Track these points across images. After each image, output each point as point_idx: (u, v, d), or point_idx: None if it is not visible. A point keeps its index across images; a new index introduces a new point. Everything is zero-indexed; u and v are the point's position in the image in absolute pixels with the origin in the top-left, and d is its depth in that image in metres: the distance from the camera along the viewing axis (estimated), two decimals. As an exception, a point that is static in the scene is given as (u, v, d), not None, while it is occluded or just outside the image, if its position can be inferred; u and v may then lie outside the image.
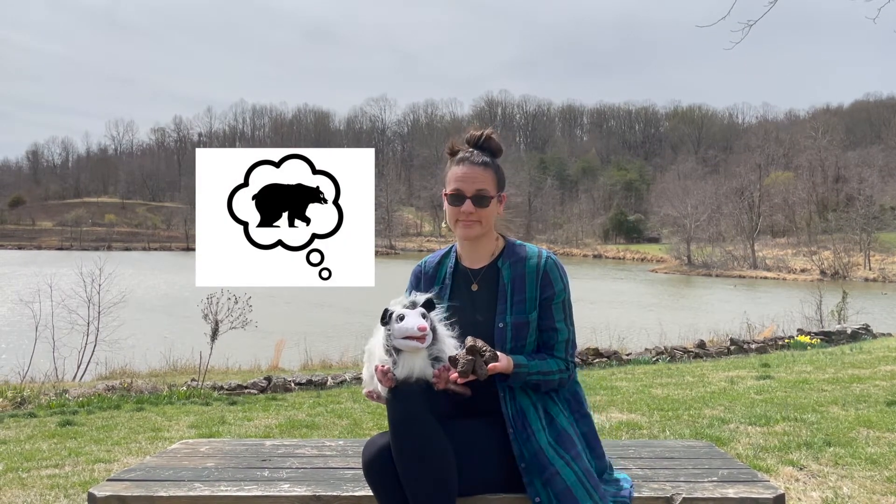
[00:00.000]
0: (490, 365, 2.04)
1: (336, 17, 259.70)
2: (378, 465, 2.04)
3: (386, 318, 2.06)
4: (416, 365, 2.03)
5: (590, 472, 2.12)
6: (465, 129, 2.41)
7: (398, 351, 2.04)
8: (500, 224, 2.41)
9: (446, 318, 2.17)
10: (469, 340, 2.06)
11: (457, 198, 2.26)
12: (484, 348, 2.05)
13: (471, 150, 2.32)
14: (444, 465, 2.00)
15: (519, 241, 2.38)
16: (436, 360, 2.06)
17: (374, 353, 2.12)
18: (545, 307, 2.25)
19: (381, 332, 2.09)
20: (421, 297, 2.10)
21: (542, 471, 2.08)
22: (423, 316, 2.05)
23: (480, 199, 2.25)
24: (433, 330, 2.06)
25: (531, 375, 2.16)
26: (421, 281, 2.42)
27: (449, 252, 2.44)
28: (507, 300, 2.25)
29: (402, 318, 2.03)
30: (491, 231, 2.34)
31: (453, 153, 2.35)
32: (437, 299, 2.19)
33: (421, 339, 2.01)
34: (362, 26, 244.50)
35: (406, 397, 2.02)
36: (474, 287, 2.32)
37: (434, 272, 2.41)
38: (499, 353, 2.10)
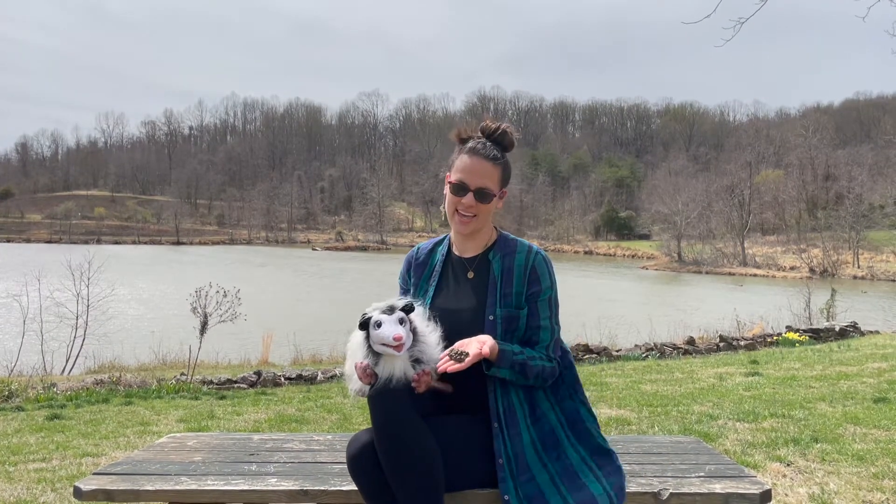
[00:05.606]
0: (477, 350, 2.00)
1: (328, 12, 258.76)
2: (362, 462, 2.03)
3: (364, 323, 2.04)
4: (395, 367, 2.02)
5: (569, 469, 2.10)
6: (483, 117, 2.35)
7: (378, 354, 2.03)
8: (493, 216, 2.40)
9: (435, 308, 2.18)
10: (455, 347, 2.04)
11: (460, 188, 2.24)
12: (462, 353, 2.02)
13: (483, 140, 2.28)
14: (431, 463, 1.99)
15: (511, 235, 2.36)
16: (416, 361, 2.05)
17: (356, 352, 2.11)
18: (531, 303, 2.23)
19: (360, 332, 2.08)
20: (400, 301, 2.07)
21: (518, 472, 2.08)
22: (401, 321, 2.02)
23: (483, 195, 2.23)
24: (413, 332, 2.05)
25: (517, 355, 2.12)
26: (412, 267, 2.42)
27: (443, 240, 2.44)
28: (497, 292, 2.23)
29: (379, 324, 2.00)
30: (488, 224, 2.33)
31: (463, 139, 2.30)
32: (419, 300, 2.20)
33: (397, 347, 1.99)
34: (355, 21, 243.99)
35: (388, 399, 2.00)
36: (470, 275, 2.30)
37: (426, 258, 2.41)
38: (484, 337, 2.09)
